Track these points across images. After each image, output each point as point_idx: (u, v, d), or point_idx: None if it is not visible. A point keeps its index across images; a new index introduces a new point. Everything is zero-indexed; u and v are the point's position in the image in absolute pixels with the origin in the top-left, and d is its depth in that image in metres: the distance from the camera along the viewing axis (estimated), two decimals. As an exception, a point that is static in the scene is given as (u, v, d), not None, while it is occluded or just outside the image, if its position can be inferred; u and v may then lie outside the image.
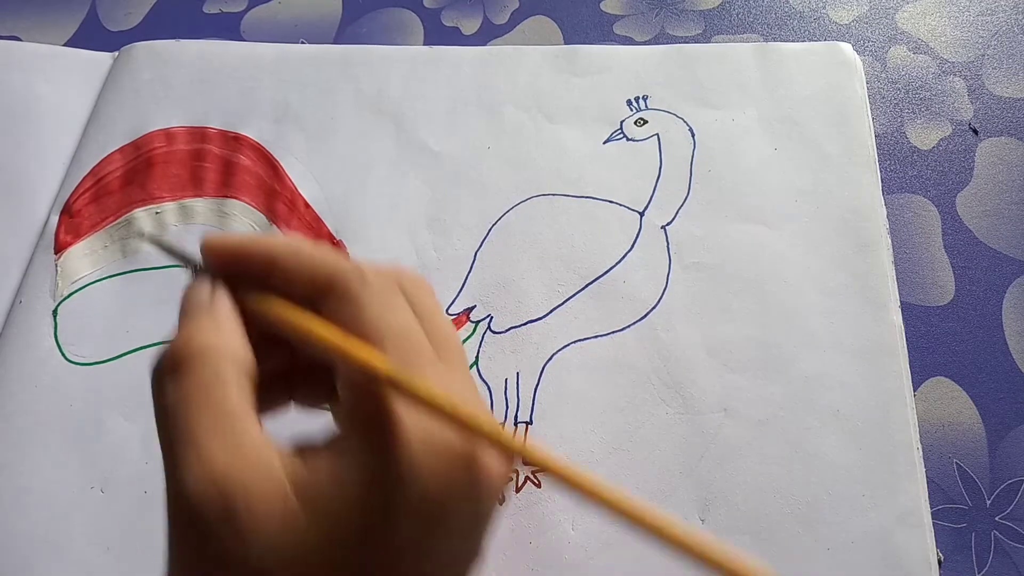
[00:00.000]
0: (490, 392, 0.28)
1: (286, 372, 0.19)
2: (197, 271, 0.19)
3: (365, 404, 0.16)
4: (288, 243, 0.18)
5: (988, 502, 0.27)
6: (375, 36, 0.38)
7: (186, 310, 0.18)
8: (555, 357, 0.29)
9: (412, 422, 0.16)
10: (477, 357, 0.29)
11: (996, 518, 0.26)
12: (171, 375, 0.16)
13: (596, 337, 0.29)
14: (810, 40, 0.37)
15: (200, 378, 0.16)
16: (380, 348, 0.16)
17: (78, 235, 0.32)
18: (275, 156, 0.33)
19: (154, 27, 0.39)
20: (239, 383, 0.16)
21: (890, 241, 0.31)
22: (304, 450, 0.16)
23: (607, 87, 0.35)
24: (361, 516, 0.16)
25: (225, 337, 0.17)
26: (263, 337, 0.18)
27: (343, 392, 0.17)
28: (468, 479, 0.16)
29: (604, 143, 0.33)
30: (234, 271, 0.18)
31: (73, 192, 0.33)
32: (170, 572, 0.16)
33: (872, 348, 0.28)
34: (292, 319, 0.17)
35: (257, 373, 0.17)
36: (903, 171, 0.33)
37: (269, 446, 0.16)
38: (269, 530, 0.15)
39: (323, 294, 0.17)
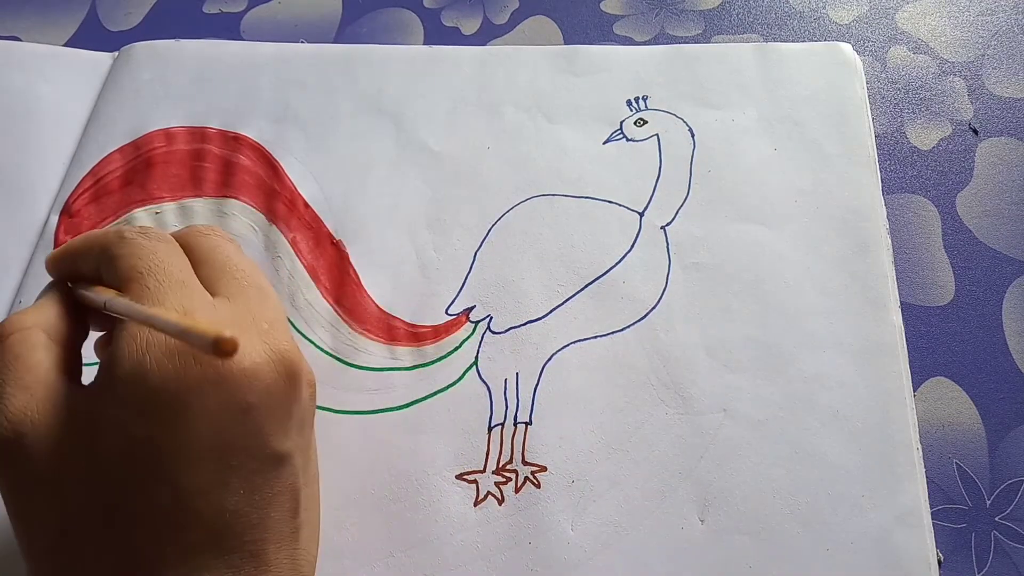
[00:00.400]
0: (490, 392, 0.28)
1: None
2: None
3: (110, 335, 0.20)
4: (77, 238, 0.23)
5: (988, 502, 0.27)
6: (375, 36, 0.38)
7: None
8: (555, 357, 0.29)
9: (129, 329, 0.19)
10: (477, 357, 0.29)
11: (996, 518, 0.26)
12: None
13: (596, 337, 0.29)
14: (810, 40, 0.37)
15: (10, 343, 0.20)
16: (128, 284, 0.21)
17: (78, 235, 0.32)
18: (275, 156, 0.33)
19: (154, 27, 0.39)
20: (46, 345, 0.21)
21: (890, 241, 0.31)
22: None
23: (607, 87, 0.35)
24: (113, 414, 0.19)
25: (40, 314, 0.22)
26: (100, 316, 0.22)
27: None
28: (201, 366, 0.19)
29: (604, 143, 0.33)
30: (64, 272, 0.23)
31: (73, 192, 0.33)
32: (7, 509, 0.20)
33: (872, 348, 0.28)
34: (77, 292, 0.22)
35: (72, 339, 0.22)
36: (903, 171, 0.33)
37: (60, 384, 0.20)
38: (47, 446, 0.19)
39: (103, 260, 0.22)
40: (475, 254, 0.31)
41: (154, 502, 0.19)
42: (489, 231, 0.31)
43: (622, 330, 0.29)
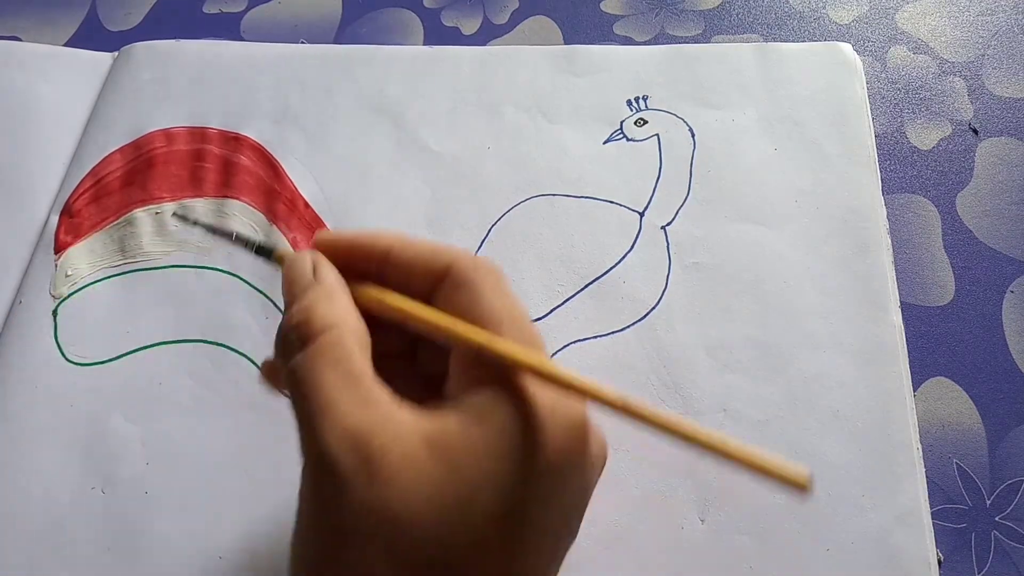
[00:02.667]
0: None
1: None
2: (259, 252, 0.21)
3: (496, 382, 0.17)
4: (401, 236, 0.20)
5: (988, 502, 0.27)
6: (375, 36, 0.38)
7: (294, 286, 0.19)
8: (555, 357, 0.29)
9: (542, 395, 0.17)
10: (477, 357, 0.29)
11: (996, 518, 0.26)
12: (299, 349, 0.17)
13: (596, 337, 0.29)
14: (810, 40, 0.37)
15: (325, 347, 0.17)
16: (497, 330, 0.18)
17: (78, 235, 0.32)
18: (275, 156, 0.33)
19: (154, 27, 0.39)
20: (361, 349, 0.18)
21: (890, 241, 0.31)
22: (429, 409, 0.17)
23: (607, 87, 0.35)
24: (493, 475, 0.16)
25: (341, 310, 0.18)
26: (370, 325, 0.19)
27: (458, 370, 0.18)
28: (584, 448, 0.17)
29: (604, 143, 0.33)
30: (345, 266, 0.19)
31: (73, 192, 0.33)
32: (302, 534, 0.17)
33: (872, 348, 0.28)
34: (409, 308, 0.19)
35: (371, 348, 0.18)
36: (903, 171, 0.33)
37: (395, 405, 0.17)
38: (404, 478, 0.16)
39: (438, 282, 0.19)
40: (475, 254, 0.31)
41: (490, 566, 0.16)
42: (489, 231, 0.31)
43: (622, 330, 0.29)
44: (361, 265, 0.19)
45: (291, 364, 0.18)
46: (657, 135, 0.33)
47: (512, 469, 0.16)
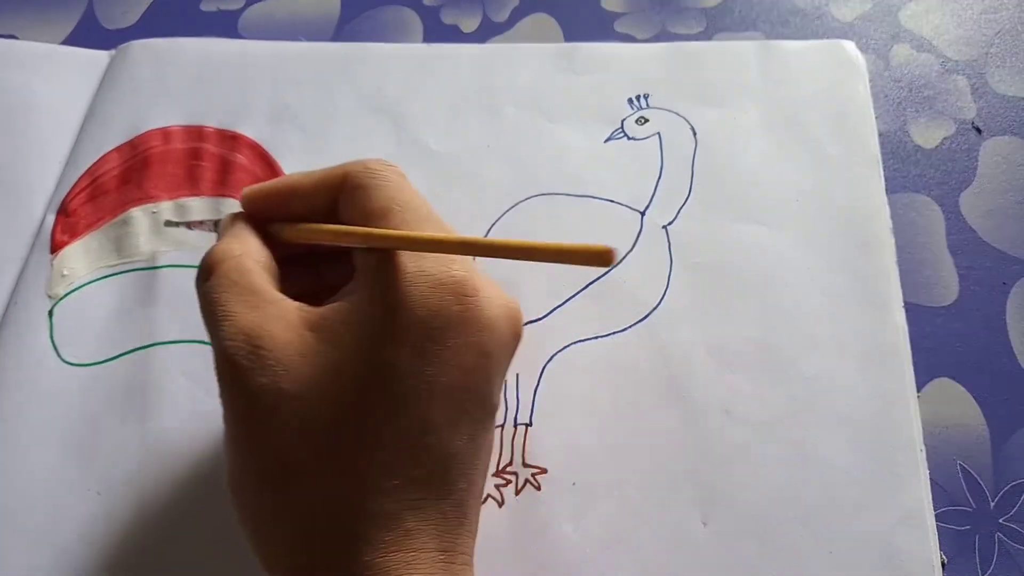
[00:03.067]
0: (490, 393, 0.28)
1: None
2: (216, 228, 0.24)
3: (374, 264, 0.19)
4: (300, 172, 0.23)
5: (992, 504, 0.26)
6: (374, 34, 0.38)
7: (217, 237, 0.22)
8: (555, 358, 0.28)
9: (407, 259, 0.19)
10: (477, 358, 0.28)
11: (1000, 520, 0.26)
12: (205, 277, 0.20)
13: (596, 338, 0.29)
14: (813, 38, 0.37)
15: (227, 270, 0.20)
16: (386, 216, 0.20)
17: (74, 234, 0.31)
18: (273, 155, 0.33)
19: (151, 25, 0.39)
20: (259, 271, 0.20)
21: (893, 241, 0.30)
22: (321, 303, 0.20)
23: (608, 85, 0.34)
24: (366, 337, 0.18)
25: (244, 243, 0.21)
26: (291, 258, 0.22)
27: (358, 265, 0.20)
28: (464, 308, 0.19)
29: (605, 142, 0.33)
30: (269, 210, 0.22)
31: (69, 191, 0.32)
32: (225, 431, 0.20)
33: (875, 349, 0.28)
34: (302, 227, 0.22)
35: (275, 269, 0.21)
36: (906, 170, 0.33)
37: (287, 302, 0.20)
38: (288, 359, 0.18)
39: (339, 194, 0.21)
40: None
41: (393, 430, 0.18)
42: (489, 231, 0.31)
43: (623, 331, 0.29)
44: (280, 208, 0.22)
45: (200, 291, 0.20)
46: (658, 134, 0.33)
47: (378, 331, 0.18)
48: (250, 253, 0.21)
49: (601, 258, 0.17)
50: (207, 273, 0.20)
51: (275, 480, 0.18)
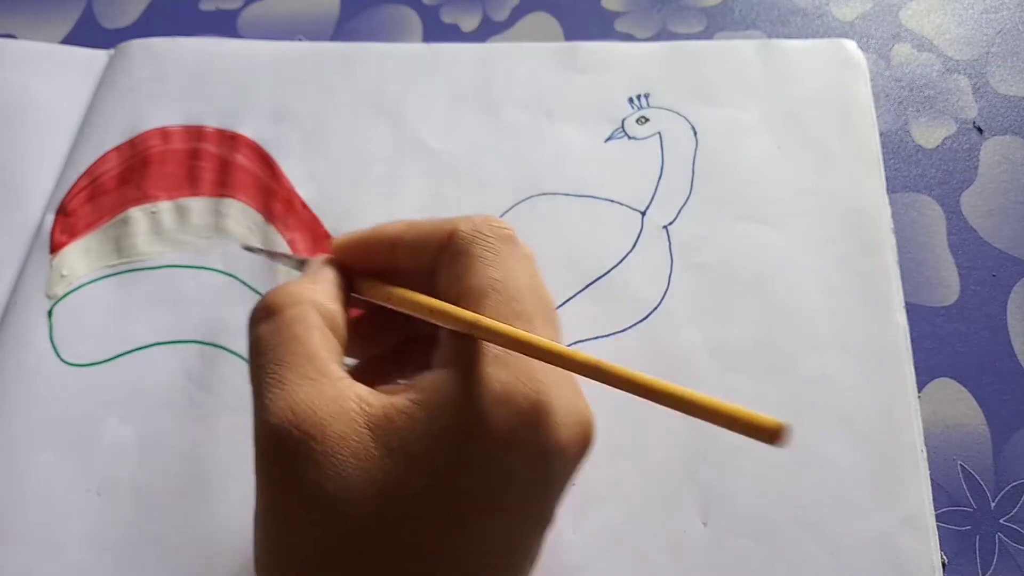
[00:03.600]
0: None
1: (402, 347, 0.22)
2: (301, 267, 0.22)
3: (452, 354, 0.17)
4: (405, 222, 0.21)
5: (992, 504, 0.26)
6: (373, 33, 0.38)
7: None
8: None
9: (488, 371, 0.17)
10: (477, 358, 0.28)
11: (1000, 520, 0.26)
12: (262, 318, 0.18)
13: (597, 338, 0.29)
14: (813, 37, 0.37)
15: (289, 318, 0.18)
16: (481, 299, 0.18)
17: (73, 235, 0.31)
18: (272, 155, 0.33)
19: (150, 24, 0.39)
20: (322, 329, 0.18)
21: (894, 241, 0.30)
22: (388, 390, 0.18)
23: (608, 85, 0.34)
24: (431, 455, 0.16)
25: (315, 292, 0.19)
26: (381, 318, 0.20)
27: (442, 352, 0.18)
28: (536, 434, 0.17)
29: (605, 141, 0.33)
30: (362, 261, 0.20)
31: (68, 191, 0.32)
32: (256, 504, 0.17)
33: (876, 349, 0.28)
34: (405, 298, 0.19)
35: (344, 333, 0.19)
36: (907, 170, 0.33)
37: (346, 382, 0.17)
38: (341, 459, 0.16)
39: (441, 255, 0.19)
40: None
41: (447, 560, 0.16)
42: (489, 231, 0.31)
43: (623, 331, 0.29)
44: (377, 260, 0.20)
45: (253, 334, 0.18)
46: (659, 133, 0.33)
47: (448, 450, 0.16)
48: (322, 306, 0.18)
49: (769, 434, 0.15)
50: (266, 313, 0.18)
51: None
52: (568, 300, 0.29)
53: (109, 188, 0.32)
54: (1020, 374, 0.28)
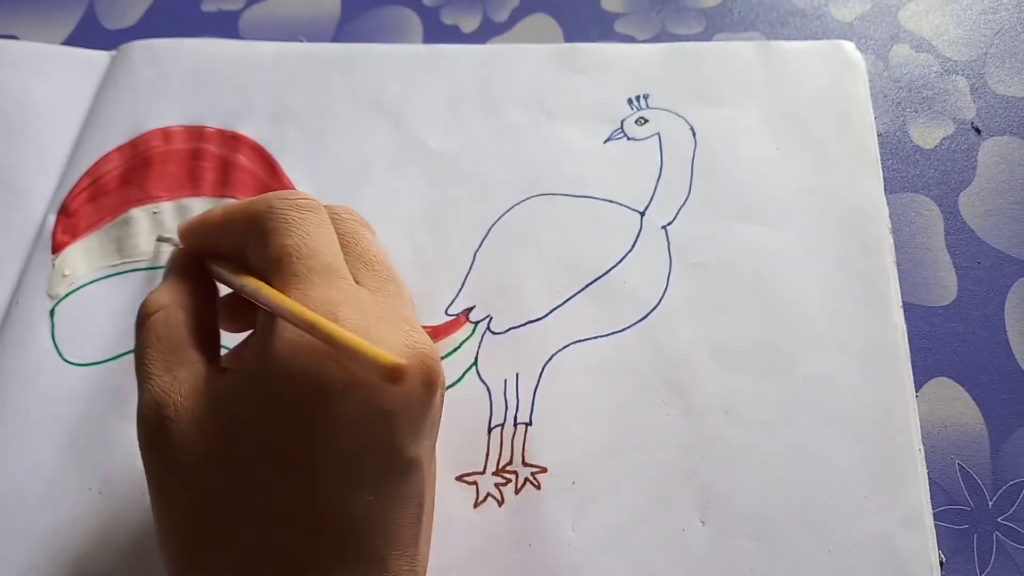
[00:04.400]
0: (489, 393, 0.28)
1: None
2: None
3: (263, 321, 0.19)
4: (223, 207, 0.22)
5: (990, 503, 0.26)
6: (374, 34, 0.38)
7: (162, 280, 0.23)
8: (555, 358, 0.28)
9: (281, 328, 0.18)
10: (476, 358, 0.29)
11: (998, 519, 0.26)
12: (137, 327, 0.21)
13: (596, 338, 0.29)
14: (812, 38, 0.37)
15: (153, 324, 0.21)
16: (277, 266, 0.20)
17: (75, 235, 0.32)
18: (273, 155, 0.33)
19: (152, 25, 0.39)
20: (184, 323, 0.21)
21: (892, 241, 0.30)
22: (232, 364, 0.21)
23: (608, 86, 0.34)
24: (251, 411, 0.18)
25: (175, 291, 0.22)
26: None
27: (257, 318, 0.20)
28: (344, 369, 0.18)
29: (605, 142, 0.33)
30: (199, 245, 0.23)
31: (70, 192, 0.33)
32: (149, 494, 0.20)
33: (874, 349, 0.28)
34: (217, 272, 0.22)
35: (205, 315, 0.22)
36: (905, 170, 0.33)
37: (199, 366, 0.20)
38: (190, 434, 0.19)
39: (250, 235, 0.21)
40: (475, 254, 0.31)
41: (288, 502, 0.18)
42: (489, 231, 0.31)
43: (623, 330, 0.29)
44: (208, 243, 0.23)
45: (135, 341, 0.21)
46: (658, 134, 0.33)
47: (262, 404, 0.18)
48: (180, 303, 0.21)
49: (389, 373, 0.17)
50: (139, 322, 0.21)
51: (187, 551, 0.19)
52: (567, 300, 0.30)
53: (111, 188, 0.33)
54: (1018, 373, 0.29)
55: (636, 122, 0.33)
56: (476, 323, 0.29)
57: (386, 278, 0.21)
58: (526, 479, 0.26)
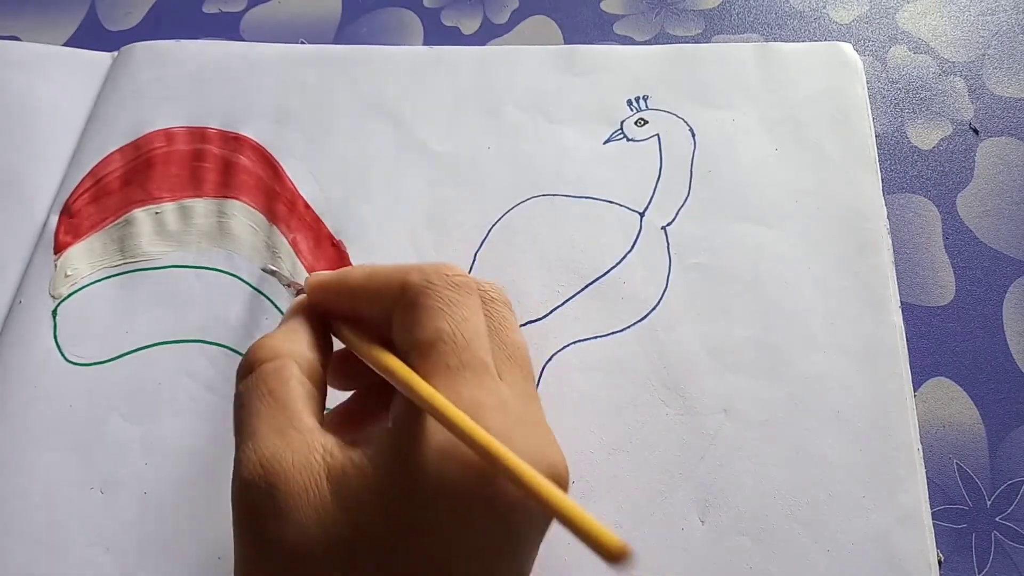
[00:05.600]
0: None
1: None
2: (297, 293, 0.22)
3: (404, 411, 0.18)
4: (362, 268, 0.21)
5: (988, 502, 0.27)
6: (375, 36, 0.38)
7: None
8: (555, 358, 0.28)
9: (431, 426, 0.17)
10: (477, 358, 0.29)
11: (996, 518, 0.26)
12: (243, 375, 0.19)
13: (596, 338, 0.29)
14: (810, 40, 0.37)
15: (264, 374, 0.19)
16: (429, 351, 0.18)
17: (78, 235, 0.32)
18: (275, 156, 0.33)
19: (154, 27, 0.39)
20: (299, 379, 0.19)
21: (891, 241, 0.31)
22: (355, 439, 0.18)
23: (607, 87, 0.35)
24: (380, 515, 0.17)
25: (291, 343, 0.20)
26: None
27: (393, 404, 0.19)
28: (491, 488, 0.17)
29: (604, 143, 0.33)
30: (330, 303, 0.21)
31: (72, 192, 0.33)
32: (235, 554, 0.18)
33: (872, 349, 0.28)
34: (356, 344, 0.20)
35: (322, 379, 0.20)
36: (903, 171, 0.33)
37: (315, 433, 0.18)
38: (302, 511, 0.17)
39: (396, 306, 0.19)
40: (475, 254, 0.31)
41: None
42: (489, 231, 0.31)
43: (622, 330, 0.29)
44: (343, 305, 0.21)
45: (236, 389, 0.19)
46: (657, 135, 0.33)
47: (396, 507, 0.17)
48: (297, 355, 0.19)
49: (612, 554, 0.15)
50: (246, 370, 0.19)
51: None
52: (567, 300, 0.30)
53: (113, 189, 0.33)
54: (1016, 373, 0.29)
55: (636, 123, 0.34)
56: (476, 323, 0.29)
57: (527, 375, 0.20)
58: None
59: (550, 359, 0.28)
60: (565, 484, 0.18)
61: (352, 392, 0.23)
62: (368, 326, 0.20)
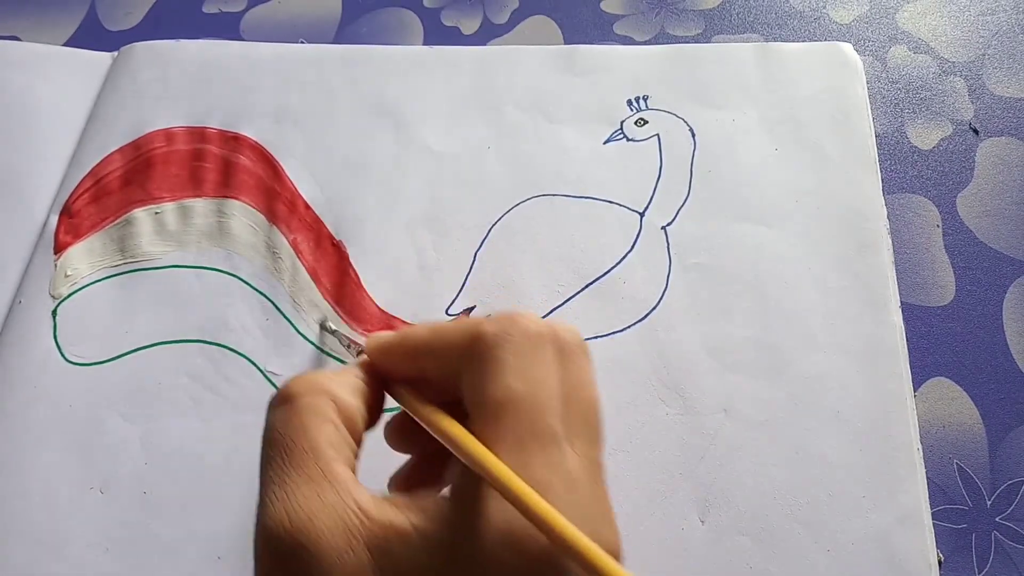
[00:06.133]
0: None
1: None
2: (359, 354, 0.21)
3: (460, 479, 0.16)
4: (425, 325, 0.19)
5: (988, 502, 0.27)
6: (375, 36, 0.38)
7: None
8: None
9: (492, 506, 0.16)
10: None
11: (996, 519, 0.26)
12: (277, 404, 0.18)
13: (596, 338, 0.29)
14: (810, 40, 0.37)
15: (298, 407, 0.17)
16: (499, 415, 0.16)
17: (78, 235, 0.32)
18: (275, 156, 0.33)
19: (153, 27, 0.39)
20: (335, 423, 0.17)
21: (890, 241, 0.31)
22: (394, 500, 0.17)
23: (607, 87, 0.35)
24: (413, 558, 0.15)
25: (333, 383, 0.18)
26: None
27: (452, 468, 0.17)
28: (541, 568, 0.15)
29: (604, 143, 0.33)
30: (393, 365, 0.19)
31: (72, 192, 0.33)
32: None
33: (872, 349, 0.28)
34: (406, 400, 0.19)
35: (360, 432, 0.18)
36: (903, 171, 0.33)
37: (348, 487, 0.16)
38: (335, 574, 0.15)
39: (468, 361, 0.18)
40: (475, 254, 0.31)
41: None
42: (489, 231, 0.31)
43: (623, 330, 0.29)
44: (407, 365, 0.19)
45: (267, 419, 0.18)
46: (657, 135, 0.33)
47: (438, 556, 0.15)
48: (339, 399, 0.18)
49: None
50: (281, 400, 0.18)
51: None
52: (567, 300, 0.30)
53: (113, 189, 0.33)
54: (1015, 373, 0.29)
55: (636, 123, 0.34)
56: (476, 323, 0.29)
57: (596, 438, 0.18)
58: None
59: (550, 359, 0.28)
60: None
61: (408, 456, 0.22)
62: (433, 389, 0.19)
